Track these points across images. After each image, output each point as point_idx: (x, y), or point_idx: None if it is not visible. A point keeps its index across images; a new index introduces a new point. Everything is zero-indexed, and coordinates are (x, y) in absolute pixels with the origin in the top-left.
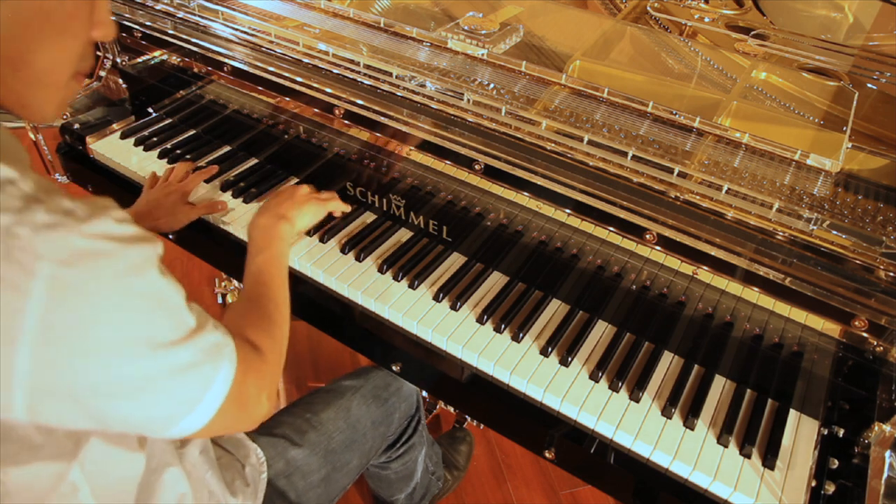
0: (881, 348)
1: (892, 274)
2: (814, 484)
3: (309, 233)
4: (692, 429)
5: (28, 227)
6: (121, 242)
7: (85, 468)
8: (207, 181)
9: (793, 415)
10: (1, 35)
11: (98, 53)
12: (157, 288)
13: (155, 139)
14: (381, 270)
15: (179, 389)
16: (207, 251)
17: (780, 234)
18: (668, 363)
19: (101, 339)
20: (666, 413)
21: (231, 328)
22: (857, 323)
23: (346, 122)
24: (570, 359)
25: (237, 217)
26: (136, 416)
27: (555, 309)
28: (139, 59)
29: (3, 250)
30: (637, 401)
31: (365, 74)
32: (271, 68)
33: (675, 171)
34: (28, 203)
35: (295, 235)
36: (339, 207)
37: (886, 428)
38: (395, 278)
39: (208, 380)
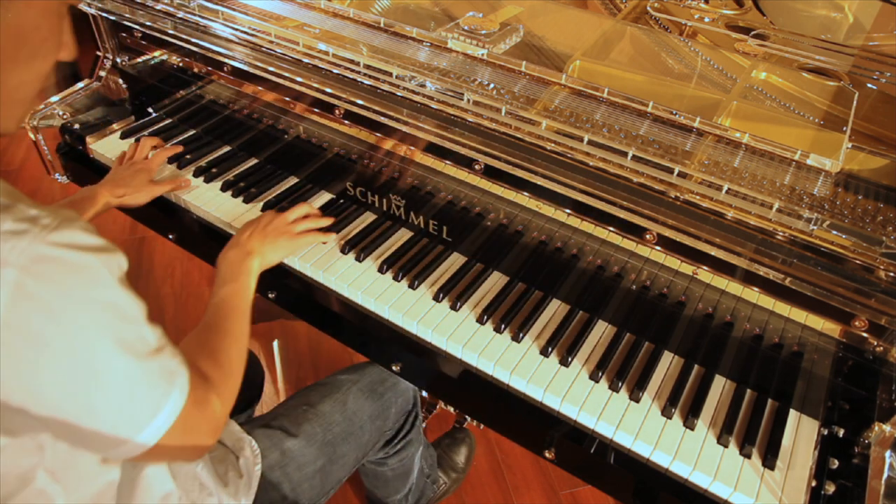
0: (881, 348)
1: (892, 274)
2: (814, 484)
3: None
4: (692, 429)
5: None
6: (85, 252)
7: (53, 471)
8: (207, 181)
9: (793, 415)
10: None
11: (98, 53)
12: (118, 300)
13: (157, 137)
14: (381, 270)
15: (129, 406)
16: (207, 251)
17: (780, 234)
18: (668, 363)
19: (59, 345)
20: (666, 413)
21: (186, 356)
22: (857, 323)
23: (346, 122)
24: (570, 359)
25: (237, 217)
26: (82, 427)
27: (555, 309)
28: (139, 59)
29: None
30: (637, 401)
31: (365, 74)
32: (271, 68)
33: (675, 171)
34: None
35: (262, 269)
36: (317, 239)
37: (886, 428)
38: (396, 278)
39: (158, 404)
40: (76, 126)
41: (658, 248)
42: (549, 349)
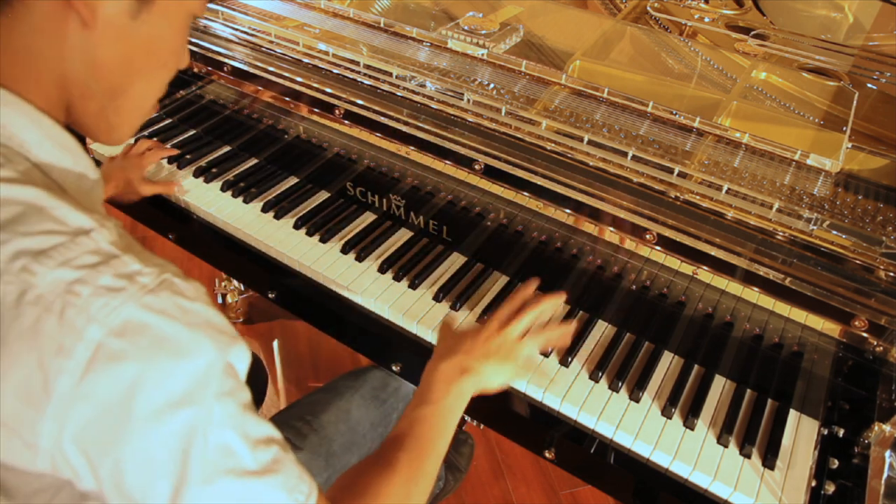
0: (881, 348)
1: (892, 274)
2: (814, 484)
3: (308, 232)
4: (692, 429)
5: (90, 288)
6: (183, 324)
7: None
8: (207, 181)
9: (793, 415)
10: (112, 68)
11: None
12: (209, 393)
13: (154, 139)
14: (381, 270)
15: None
16: (207, 251)
17: (780, 234)
18: (668, 363)
19: (132, 419)
20: (666, 413)
21: (343, 480)
22: (857, 323)
23: (346, 122)
24: (570, 359)
25: (237, 217)
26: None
27: (555, 309)
28: None
29: (59, 307)
30: (637, 401)
31: (365, 74)
32: (271, 68)
33: (675, 171)
34: (98, 259)
35: (476, 392)
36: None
37: (886, 428)
38: (396, 278)
39: None
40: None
41: (658, 248)
42: (550, 349)
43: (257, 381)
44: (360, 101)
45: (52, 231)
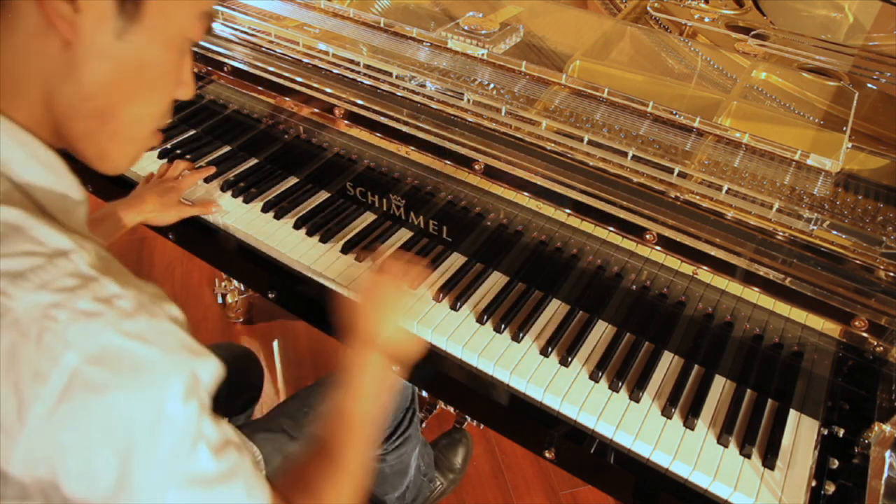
0: (881, 348)
1: (892, 274)
2: (814, 484)
3: (309, 232)
4: (692, 429)
5: (67, 312)
6: (160, 350)
7: None
8: (207, 181)
9: (793, 415)
10: (96, 89)
11: None
12: (178, 417)
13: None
14: None
15: None
16: (207, 251)
17: (780, 234)
18: (668, 363)
19: (101, 447)
20: (666, 413)
21: (292, 478)
22: (857, 323)
23: (346, 122)
24: (570, 359)
25: (237, 217)
26: None
27: (555, 309)
28: None
29: (36, 332)
30: (637, 401)
31: (365, 74)
32: (271, 68)
33: (675, 171)
34: (76, 283)
35: (386, 356)
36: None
37: (886, 428)
38: None
39: None
40: None
41: (658, 248)
42: (549, 349)
43: (251, 375)
44: (360, 101)
45: (30, 252)
